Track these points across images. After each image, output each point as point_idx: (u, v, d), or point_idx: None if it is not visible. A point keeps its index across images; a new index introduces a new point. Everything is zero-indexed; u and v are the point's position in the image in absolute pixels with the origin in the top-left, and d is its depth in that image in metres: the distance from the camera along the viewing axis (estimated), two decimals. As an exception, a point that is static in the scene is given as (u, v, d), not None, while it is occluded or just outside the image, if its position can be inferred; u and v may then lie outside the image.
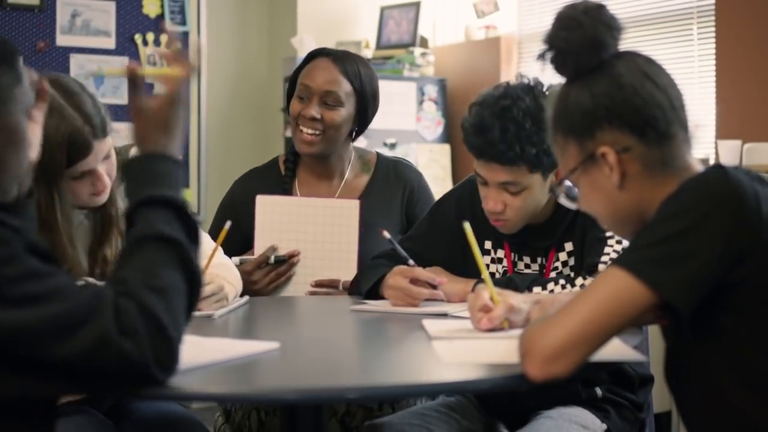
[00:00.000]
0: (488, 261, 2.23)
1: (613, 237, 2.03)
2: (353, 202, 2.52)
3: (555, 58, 1.49)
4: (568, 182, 1.56)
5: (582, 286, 1.99)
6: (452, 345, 1.65)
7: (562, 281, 2.04)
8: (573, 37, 1.47)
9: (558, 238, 2.15)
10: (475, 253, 1.79)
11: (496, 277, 2.20)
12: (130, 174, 1.42)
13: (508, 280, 2.07)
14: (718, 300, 1.38)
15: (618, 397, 2.07)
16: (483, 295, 1.76)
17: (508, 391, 2.01)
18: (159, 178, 1.41)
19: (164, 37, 5.04)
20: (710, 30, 4.16)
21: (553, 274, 2.14)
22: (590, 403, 2.04)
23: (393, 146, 4.97)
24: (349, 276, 2.47)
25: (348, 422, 2.29)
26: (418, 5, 5.21)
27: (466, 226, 1.79)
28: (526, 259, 2.19)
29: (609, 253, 2.03)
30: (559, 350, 1.35)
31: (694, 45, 4.27)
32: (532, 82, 2.07)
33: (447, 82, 5.19)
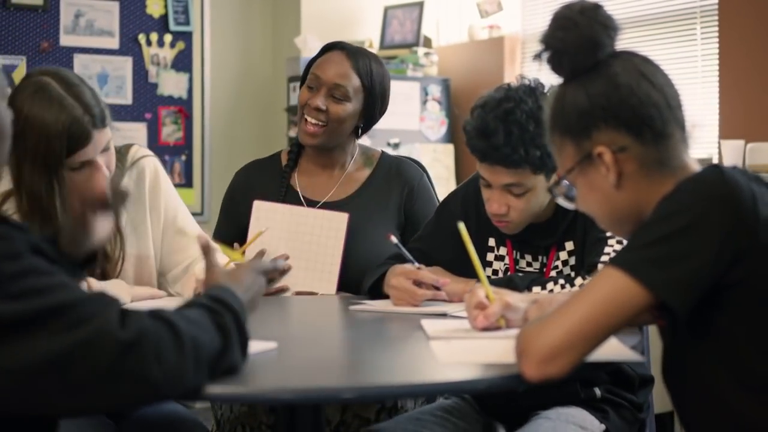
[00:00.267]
0: (492, 258, 2.23)
1: (613, 237, 2.02)
2: (342, 216, 2.49)
3: (551, 58, 1.50)
4: (565, 182, 1.56)
5: (581, 286, 1.99)
6: (450, 345, 1.65)
7: (562, 281, 2.04)
8: (569, 37, 1.47)
9: (559, 237, 2.14)
10: (471, 253, 1.79)
11: (499, 275, 2.20)
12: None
13: (508, 280, 2.06)
14: (715, 300, 1.37)
15: (617, 397, 2.07)
16: (479, 293, 1.76)
17: (506, 391, 2.01)
18: (225, 293, 1.41)
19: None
20: (713, 29, 4.15)
21: (553, 273, 2.14)
22: (589, 403, 2.04)
23: (396, 146, 4.97)
24: (327, 288, 2.47)
25: None
26: (421, 5, 5.20)
27: (461, 227, 1.79)
28: (528, 258, 2.19)
29: (609, 253, 2.02)
30: (556, 350, 1.35)
31: (697, 44, 4.26)
32: (534, 84, 2.06)
33: (450, 82, 5.19)
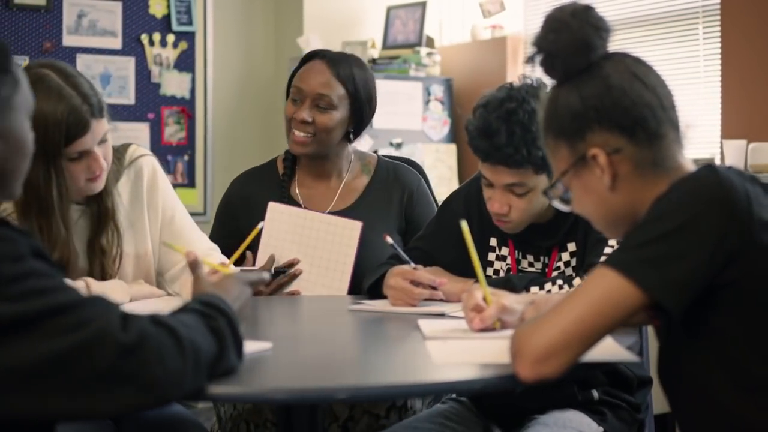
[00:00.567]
0: (493, 258, 2.23)
1: (613, 237, 2.03)
2: (356, 224, 2.49)
3: (544, 61, 1.49)
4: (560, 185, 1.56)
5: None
6: (446, 345, 1.65)
7: (560, 281, 2.04)
8: (561, 39, 1.47)
9: (560, 238, 2.14)
10: (471, 252, 1.79)
11: (500, 275, 2.20)
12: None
13: (506, 280, 2.06)
14: (709, 301, 1.37)
15: (615, 398, 2.06)
16: (476, 294, 1.76)
17: (504, 394, 2.01)
18: (215, 299, 1.43)
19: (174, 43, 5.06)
20: (716, 29, 4.15)
21: (555, 274, 2.13)
22: (586, 405, 2.03)
23: (399, 146, 4.97)
24: (338, 294, 2.47)
25: (351, 428, 2.25)
26: (424, 5, 5.20)
27: (464, 225, 1.78)
28: (530, 258, 2.19)
29: (608, 254, 2.02)
30: (550, 350, 1.35)
31: (700, 44, 4.26)
32: (536, 83, 2.06)
33: (453, 82, 5.19)
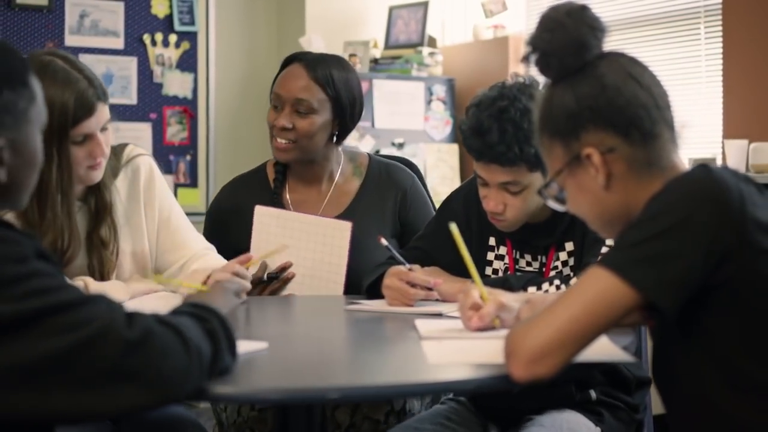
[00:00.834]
0: (492, 257, 2.23)
1: (611, 237, 2.03)
2: (346, 224, 2.46)
3: (539, 60, 1.50)
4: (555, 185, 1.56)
5: (573, 286, 1.99)
6: (441, 345, 1.65)
7: (557, 281, 2.04)
8: (556, 38, 1.47)
9: (558, 237, 2.14)
10: (463, 252, 1.79)
11: (499, 274, 2.20)
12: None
13: (503, 280, 2.07)
14: (703, 301, 1.37)
15: (613, 399, 2.06)
16: (473, 293, 1.76)
17: (502, 394, 2.01)
18: (205, 303, 1.44)
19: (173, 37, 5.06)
20: (717, 29, 4.15)
21: (552, 274, 2.13)
22: (584, 406, 2.03)
23: (401, 146, 4.97)
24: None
25: None
26: (426, 5, 5.20)
27: (453, 228, 1.79)
28: (527, 257, 2.19)
29: (603, 254, 2.03)
30: (545, 350, 1.35)
31: (701, 44, 4.26)
32: (528, 81, 2.07)
33: (455, 82, 5.19)
